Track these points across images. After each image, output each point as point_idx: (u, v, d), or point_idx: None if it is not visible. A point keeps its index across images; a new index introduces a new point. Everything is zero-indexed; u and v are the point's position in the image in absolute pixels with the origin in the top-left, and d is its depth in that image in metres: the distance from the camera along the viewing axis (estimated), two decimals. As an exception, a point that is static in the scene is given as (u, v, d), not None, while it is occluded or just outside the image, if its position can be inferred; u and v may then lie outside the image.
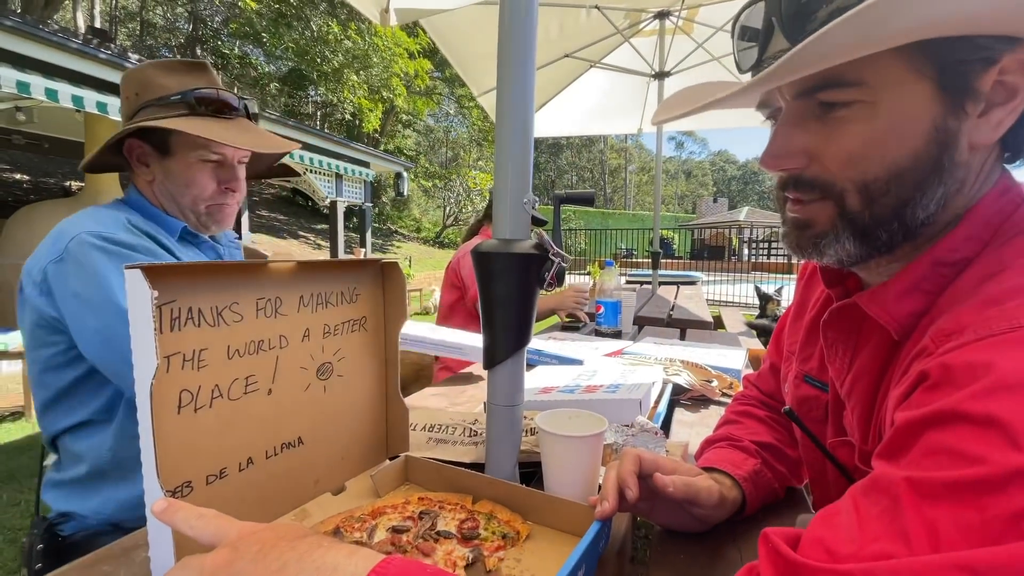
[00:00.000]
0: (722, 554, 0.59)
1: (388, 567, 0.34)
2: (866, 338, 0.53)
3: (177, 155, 0.96)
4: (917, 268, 0.47)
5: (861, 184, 0.47)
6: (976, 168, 0.47)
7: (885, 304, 0.49)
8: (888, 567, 0.29)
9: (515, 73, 0.64)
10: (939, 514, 0.30)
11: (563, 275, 0.66)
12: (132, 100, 0.95)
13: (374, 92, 14.20)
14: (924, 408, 0.35)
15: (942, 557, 0.28)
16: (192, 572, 0.37)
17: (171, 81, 0.94)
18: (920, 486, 0.32)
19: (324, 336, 0.63)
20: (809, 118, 0.48)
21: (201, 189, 0.98)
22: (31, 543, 0.90)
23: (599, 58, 3.57)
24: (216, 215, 1.02)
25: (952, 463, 0.31)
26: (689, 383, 1.14)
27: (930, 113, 0.44)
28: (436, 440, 0.81)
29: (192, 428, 0.49)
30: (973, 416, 0.32)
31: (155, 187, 0.98)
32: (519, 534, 0.59)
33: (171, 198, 0.98)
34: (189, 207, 0.99)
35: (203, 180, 0.98)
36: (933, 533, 0.30)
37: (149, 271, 0.43)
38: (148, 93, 0.93)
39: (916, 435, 0.35)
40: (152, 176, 0.97)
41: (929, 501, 0.31)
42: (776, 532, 0.35)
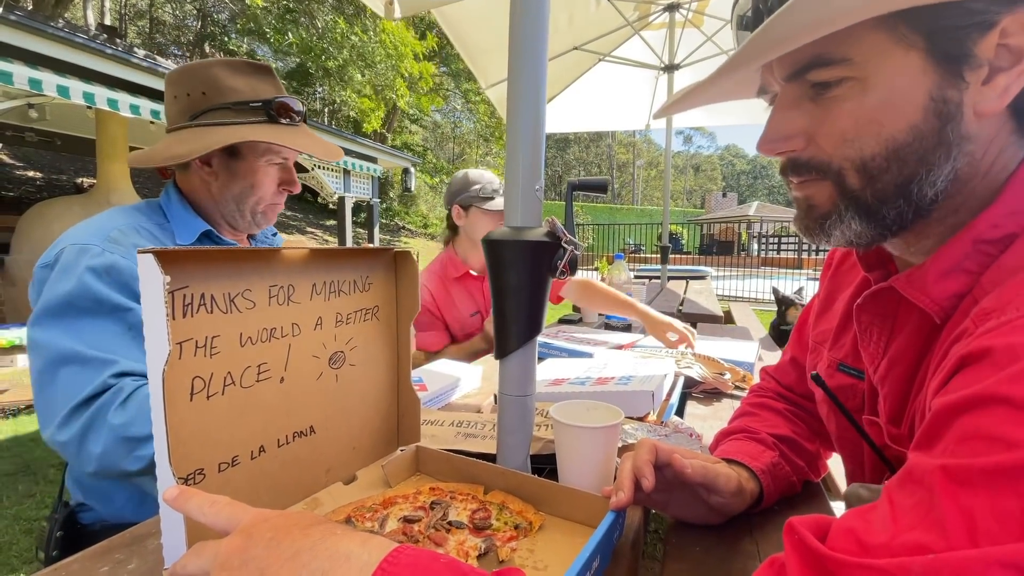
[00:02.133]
0: (739, 546, 0.58)
1: (400, 555, 0.34)
2: (903, 322, 0.52)
3: (245, 158, 0.98)
4: (958, 247, 0.45)
5: (858, 162, 0.46)
6: (987, 139, 0.45)
7: (924, 286, 0.47)
8: (925, 563, 0.28)
9: (527, 57, 0.63)
10: (976, 502, 0.29)
11: (576, 263, 0.65)
12: (197, 99, 0.93)
13: (378, 92, 14.18)
14: (960, 392, 0.34)
15: (983, 552, 0.27)
16: (205, 558, 0.37)
17: (241, 84, 0.94)
18: (955, 473, 0.30)
19: (336, 325, 0.63)
20: (803, 100, 0.48)
21: (265, 191, 1.01)
22: (51, 528, 0.91)
23: (608, 51, 3.54)
24: (269, 214, 1.05)
25: (989, 448, 0.30)
26: (702, 376, 1.13)
27: (924, 84, 0.43)
28: (465, 434, 0.80)
29: (205, 415, 0.49)
30: (1012, 399, 0.31)
31: (212, 187, 0.99)
32: (532, 524, 0.59)
33: (230, 199, 0.99)
34: (250, 207, 1.01)
35: (268, 182, 1.01)
36: (970, 522, 0.28)
37: (162, 256, 0.42)
38: (218, 95, 0.93)
39: (951, 421, 0.33)
40: (214, 176, 0.98)
41: (965, 489, 0.29)
42: (802, 522, 0.34)
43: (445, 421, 0.86)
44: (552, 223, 0.65)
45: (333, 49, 13.09)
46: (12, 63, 3.85)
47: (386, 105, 15.07)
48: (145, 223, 0.94)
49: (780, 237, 17.37)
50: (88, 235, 0.86)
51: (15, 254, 5.31)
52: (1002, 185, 0.45)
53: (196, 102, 0.94)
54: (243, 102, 0.94)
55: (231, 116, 0.94)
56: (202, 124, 0.93)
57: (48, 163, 9.71)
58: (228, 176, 0.98)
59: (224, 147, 0.94)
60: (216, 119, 0.93)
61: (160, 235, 0.94)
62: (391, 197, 18.04)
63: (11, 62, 3.87)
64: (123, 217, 0.93)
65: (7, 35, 4.03)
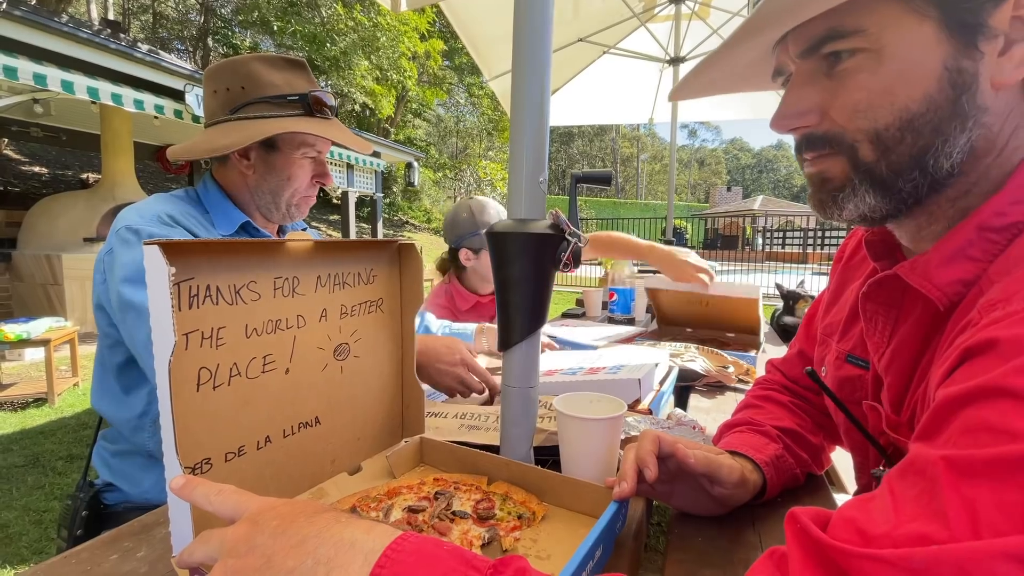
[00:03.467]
0: (741, 537, 0.59)
1: (405, 543, 0.34)
2: (908, 311, 0.51)
3: (282, 151, 1.00)
4: (961, 233, 0.45)
5: (872, 133, 0.45)
6: (1004, 112, 0.44)
7: (927, 273, 0.47)
8: (928, 554, 0.27)
9: (531, 47, 0.62)
10: (979, 493, 0.29)
11: (579, 255, 0.65)
12: (236, 93, 0.97)
13: (384, 76, 14.11)
14: (964, 384, 0.34)
15: (986, 544, 0.27)
16: (212, 545, 0.38)
17: (278, 78, 0.98)
18: (958, 464, 0.30)
19: (341, 317, 0.63)
20: (818, 76, 0.48)
21: (300, 183, 1.04)
22: (75, 507, 0.93)
23: (614, 43, 3.52)
24: (303, 206, 1.08)
25: (993, 440, 0.30)
26: (705, 369, 1.13)
27: (938, 55, 0.43)
28: (469, 426, 0.81)
29: (211, 405, 0.49)
30: (1017, 391, 0.30)
31: (249, 179, 1.02)
32: (535, 515, 0.59)
33: (266, 190, 1.03)
34: (286, 199, 1.04)
35: (303, 175, 1.04)
36: (973, 514, 0.28)
37: (167, 247, 0.43)
38: (257, 89, 0.96)
39: (955, 412, 0.33)
40: (252, 168, 1.01)
41: (968, 480, 0.29)
42: (804, 512, 0.34)
43: (449, 413, 0.87)
44: (556, 215, 0.65)
45: (337, 36, 13.05)
46: (17, 58, 3.86)
47: (395, 89, 15.01)
48: (192, 211, 0.98)
49: (785, 231, 17.28)
50: (140, 219, 0.89)
51: (22, 248, 5.35)
52: (1013, 169, 0.45)
53: (235, 96, 0.97)
54: (281, 96, 0.97)
55: (270, 109, 0.97)
56: (242, 118, 0.96)
57: (53, 158, 9.75)
58: (265, 168, 1.01)
59: (262, 140, 0.97)
60: (255, 112, 0.96)
61: (204, 223, 0.98)
62: (394, 192, 18.03)
63: (16, 57, 3.88)
64: (169, 204, 0.96)
65: (12, 30, 4.04)
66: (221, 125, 0.97)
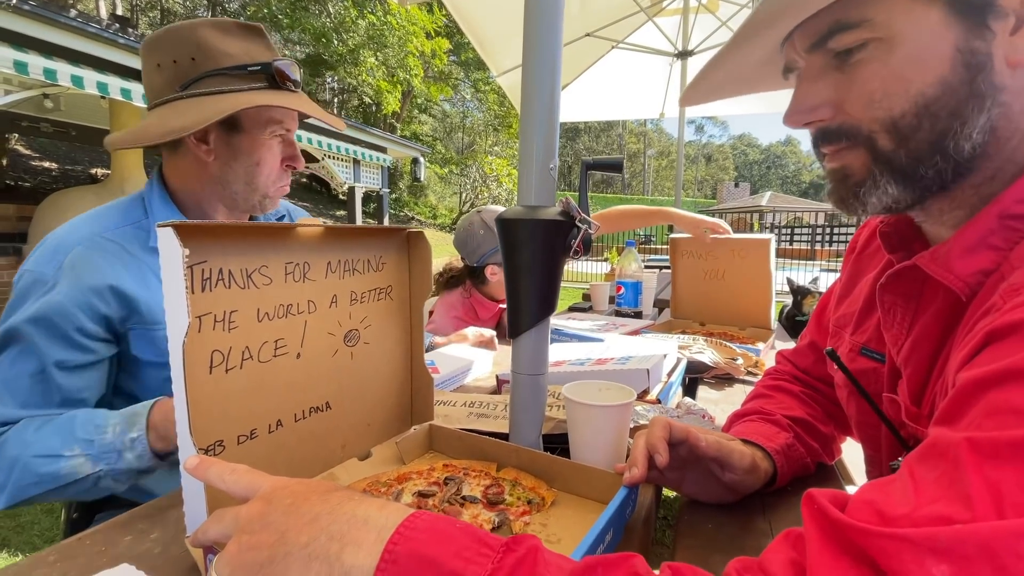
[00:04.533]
0: (751, 524, 0.58)
1: (417, 520, 0.34)
2: (928, 301, 0.51)
3: (247, 131, 0.86)
4: (982, 222, 0.45)
5: (888, 123, 0.45)
6: (1020, 89, 0.44)
7: (949, 263, 0.46)
8: (952, 533, 0.27)
9: (543, 35, 0.62)
10: (1003, 475, 0.28)
11: (590, 242, 0.65)
12: (187, 66, 0.81)
13: (391, 73, 14.14)
14: (987, 367, 0.33)
15: (1011, 523, 0.26)
16: (226, 523, 0.38)
17: (234, 47, 0.83)
18: (982, 446, 0.30)
19: (351, 303, 0.63)
20: (828, 70, 0.48)
21: (272, 168, 0.89)
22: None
23: (622, 37, 3.50)
24: (277, 197, 0.94)
25: (1018, 422, 0.29)
26: (713, 361, 1.12)
27: (948, 37, 0.42)
28: (478, 415, 0.81)
29: (224, 388, 0.50)
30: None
31: (211, 168, 0.87)
32: (544, 500, 0.59)
33: (235, 179, 0.88)
34: (258, 188, 0.90)
35: (272, 157, 0.89)
36: (997, 495, 0.28)
37: (181, 229, 0.43)
38: (211, 60, 0.81)
39: (978, 396, 0.33)
40: (212, 155, 0.86)
41: (992, 462, 0.29)
42: (822, 493, 0.34)
43: (458, 402, 0.87)
44: (566, 202, 0.65)
45: (344, 33, 13.07)
46: (27, 53, 3.89)
47: (401, 86, 15.02)
48: (115, 229, 0.83)
49: (793, 228, 17.15)
50: (47, 257, 0.78)
51: (32, 242, 5.41)
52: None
53: (185, 70, 0.81)
54: (239, 66, 0.82)
55: (228, 83, 0.82)
56: (195, 94, 0.81)
57: (63, 154, 9.83)
58: (229, 153, 0.86)
59: (223, 120, 0.82)
60: (210, 87, 0.81)
61: (131, 240, 0.83)
62: (400, 187, 18.05)
63: (26, 52, 3.91)
64: (94, 224, 0.82)
65: (22, 25, 4.06)
66: (171, 104, 0.82)
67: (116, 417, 0.72)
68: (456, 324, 1.66)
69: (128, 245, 0.82)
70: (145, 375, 0.84)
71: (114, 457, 0.70)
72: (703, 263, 1.59)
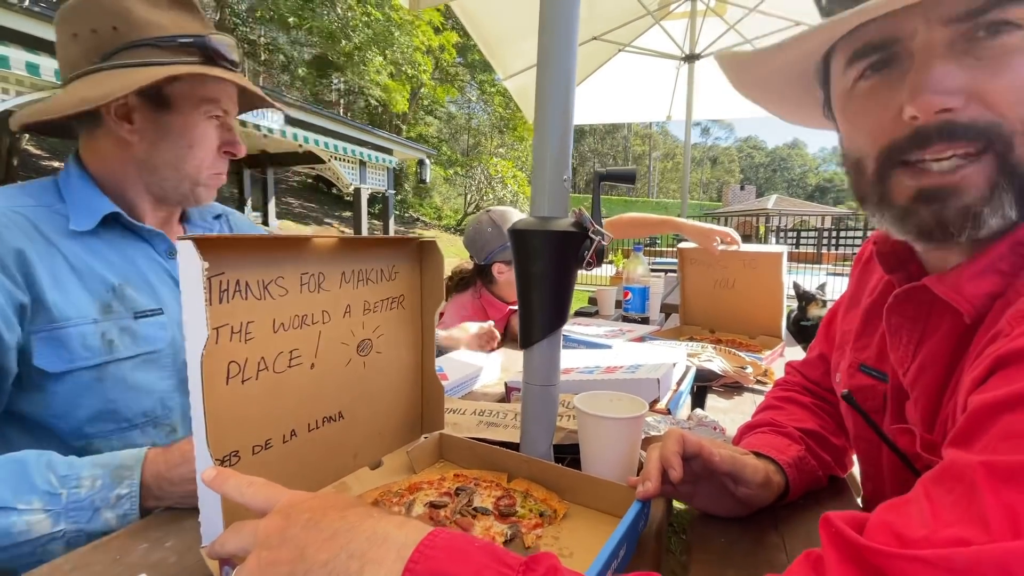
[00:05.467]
0: (764, 539, 0.58)
1: (437, 538, 0.34)
2: (935, 324, 0.50)
3: (178, 109, 0.77)
4: (996, 249, 0.43)
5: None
6: None
7: (958, 286, 0.45)
8: (969, 555, 0.27)
9: (558, 45, 0.62)
10: (1020, 498, 0.28)
11: (603, 254, 0.65)
12: (107, 36, 0.72)
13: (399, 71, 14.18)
14: (1000, 391, 0.33)
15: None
16: (244, 537, 0.38)
17: (163, 18, 0.75)
18: (998, 470, 0.30)
19: (364, 313, 0.63)
20: (963, 48, 0.40)
21: (207, 151, 0.81)
22: None
23: (628, 41, 3.50)
24: (212, 184, 0.84)
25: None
26: (722, 369, 1.12)
27: None
28: (487, 423, 0.81)
29: (239, 399, 0.50)
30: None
31: (135, 150, 0.77)
32: (556, 512, 0.59)
33: (163, 164, 0.79)
34: (189, 175, 0.80)
35: (207, 141, 0.80)
36: (1014, 517, 0.28)
37: (200, 243, 0.43)
38: (135, 30, 0.73)
39: (992, 419, 0.33)
40: (137, 135, 0.76)
41: (1009, 485, 0.29)
42: (839, 516, 0.34)
43: (467, 410, 0.87)
44: (579, 213, 0.65)
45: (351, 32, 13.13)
46: (38, 55, 3.93)
47: (411, 84, 15.06)
48: (27, 208, 0.73)
49: (799, 231, 17.08)
50: None
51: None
52: None
53: (105, 40, 0.72)
54: (169, 37, 0.74)
55: (155, 55, 0.73)
56: (119, 65, 0.72)
57: (72, 153, 9.91)
58: (156, 134, 0.77)
59: (150, 97, 0.74)
60: (137, 58, 0.72)
61: (45, 221, 0.73)
62: (406, 189, 18.09)
63: (37, 54, 3.95)
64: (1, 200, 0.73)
65: (32, 27, 4.10)
66: (88, 77, 0.73)
67: (90, 468, 0.61)
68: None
69: (41, 225, 0.73)
70: (51, 392, 0.71)
71: (86, 516, 0.59)
72: (712, 272, 1.59)
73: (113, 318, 0.75)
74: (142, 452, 0.64)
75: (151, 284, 0.81)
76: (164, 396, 0.80)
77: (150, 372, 0.78)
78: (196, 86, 0.78)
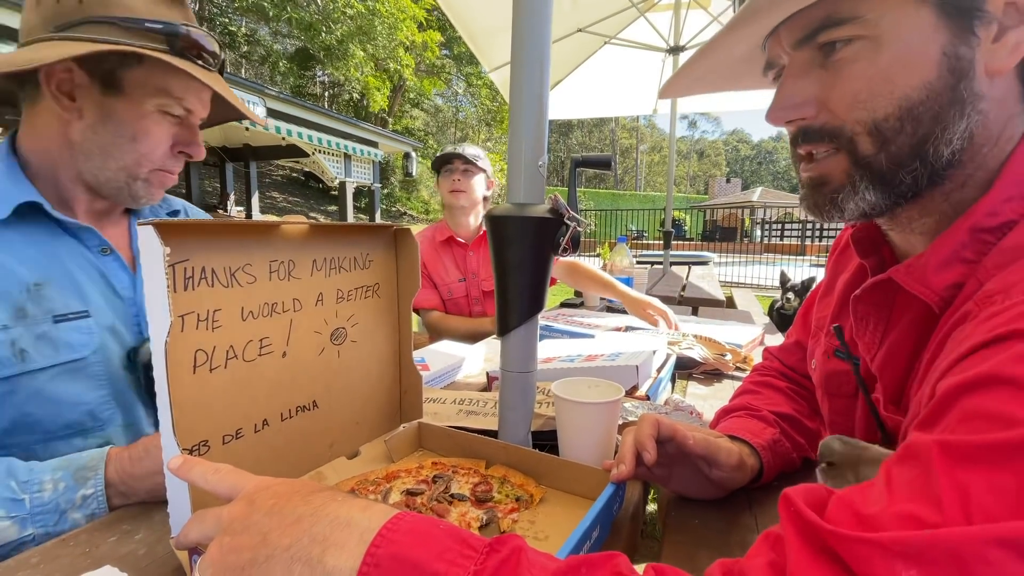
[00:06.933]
0: (738, 519, 0.59)
1: (400, 521, 0.34)
2: (900, 313, 0.51)
3: (129, 96, 0.71)
4: (954, 236, 0.45)
5: (871, 125, 0.45)
6: (999, 99, 0.44)
7: (924, 278, 0.46)
8: (922, 539, 0.27)
9: (531, 32, 0.61)
10: (972, 478, 0.29)
11: (578, 240, 0.64)
12: (70, 6, 0.67)
13: (381, 67, 14.02)
14: (962, 375, 0.34)
15: (981, 529, 0.27)
16: (208, 524, 0.38)
17: (137, 2, 0.70)
18: (952, 449, 0.30)
19: (338, 301, 0.63)
20: (813, 67, 0.47)
21: (152, 147, 0.73)
22: None
23: (614, 33, 3.49)
24: (154, 182, 0.77)
25: (988, 427, 0.30)
26: (702, 356, 1.13)
27: (937, 40, 0.42)
28: (467, 412, 0.81)
29: (208, 388, 0.49)
30: (1014, 379, 0.31)
31: (72, 130, 0.71)
32: (533, 497, 0.59)
33: (95, 149, 0.72)
34: (126, 168, 0.73)
35: (158, 136, 0.73)
36: (965, 497, 0.28)
37: (161, 227, 0.42)
38: (98, 5, 0.68)
39: (952, 402, 0.33)
40: (78, 115, 0.70)
41: (962, 464, 0.29)
42: (798, 492, 0.34)
43: (447, 399, 0.87)
44: (555, 200, 0.65)
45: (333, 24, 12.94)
46: (10, 45, 3.82)
47: (391, 80, 14.89)
48: None
49: (784, 223, 17.29)
50: None
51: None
52: (1002, 165, 0.44)
53: (67, 10, 0.67)
54: (135, 19, 0.68)
55: (116, 34, 0.67)
56: (72, 37, 0.67)
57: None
58: (97, 116, 0.71)
59: (101, 77, 0.69)
60: (94, 34, 0.67)
61: None
62: (392, 183, 17.95)
63: (9, 44, 3.84)
64: None
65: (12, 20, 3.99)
66: (36, 44, 0.67)
67: (51, 471, 0.60)
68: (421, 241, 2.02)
69: None
70: None
71: (53, 519, 0.58)
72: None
73: (27, 324, 0.66)
74: (104, 451, 0.62)
75: (77, 283, 0.72)
76: (95, 408, 0.71)
77: (75, 383, 0.70)
78: (154, 75, 0.71)
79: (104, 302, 0.74)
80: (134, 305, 0.77)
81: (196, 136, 0.78)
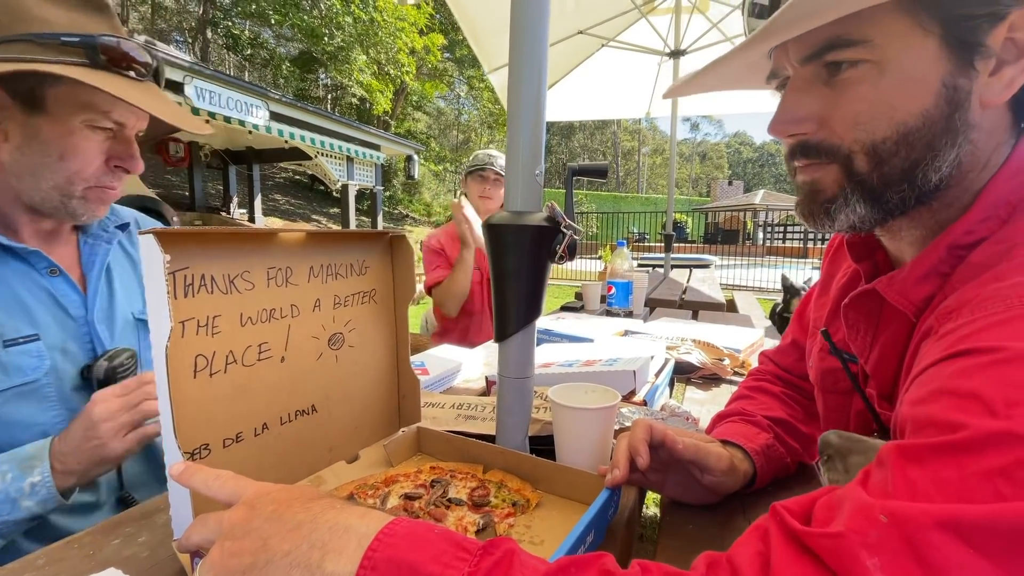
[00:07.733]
0: (731, 524, 0.59)
1: (396, 527, 0.35)
2: (887, 321, 0.53)
3: (53, 114, 0.70)
4: (934, 252, 0.47)
5: (868, 145, 0.46)
6: (989, 130, 0.46)
7: (904, 290, 0.49)
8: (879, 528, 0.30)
9: (528, 41, 0.62)
10: (919, 473, 0.32)
11: (575, 248, 0.65)
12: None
13: (382, 71, 14.09)
14: (918, 390, 0.38)
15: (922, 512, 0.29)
16: (209, 528, 0.38)
17: (57, 15, 0.68)
18: (906, 451, 0.34)
19: (335, 307, 0.64)
20: (816, 83, 0.48)
21: (83, 164, 0.72)
22: None
23: (614, 35, 3.50)
24: (92, 199, 0.75)
25: (936, 432, 0.33)
26: (700, 361, 1.14)
27: (938, 71, 0.44)
28: (465, 416, 0.82)
29: (208, 392, 0.50)
30: (956, 391, 0.34)
31: (2, 154, 0.70)
32: (529, 502, 0.60)
33: (26, 171, 0.71)
34: (58, 187, 0.72)
35: (88, 153, 0.72)
36: (911, 487, 0.31)
37: (162, 236, 0.43)
38: (18, 23, 0.67)
39: (911, 415, 0.37)
40: (4, 138, 0.70)
41: (912, 464, 0.33)
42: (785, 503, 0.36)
43: (446, 403, 0.87)
44: (552, 208, 0.65)
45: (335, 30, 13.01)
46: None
47: (393, 84, 14.96)
48: None
49: (786, 226, 17.26)
50: None
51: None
52: (984, 186, 0.46)
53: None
54: (52, 35, 0.66)
55: (33, 51, 0.66)
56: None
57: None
58: (24, 137, 0.70)
59: (23, 97, 0.68)
60: (8, 53, 0.66)
61: None
62: (395, 185, 17.99)
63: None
64: None
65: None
66: None
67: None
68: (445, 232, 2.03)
69: None
70: None
71: (7, 508, 0.62)
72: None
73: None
74: (47, 440, 0.67)
75: (26, 307, 0.72)
76: (49, 428, 0.71)
77: (26, 405, 0.70)
78: (77, 91, 0.69)
79: (54, 323, 0.74)
80: (86, 324, 0.77)
81: (131, 148, 0.76)
